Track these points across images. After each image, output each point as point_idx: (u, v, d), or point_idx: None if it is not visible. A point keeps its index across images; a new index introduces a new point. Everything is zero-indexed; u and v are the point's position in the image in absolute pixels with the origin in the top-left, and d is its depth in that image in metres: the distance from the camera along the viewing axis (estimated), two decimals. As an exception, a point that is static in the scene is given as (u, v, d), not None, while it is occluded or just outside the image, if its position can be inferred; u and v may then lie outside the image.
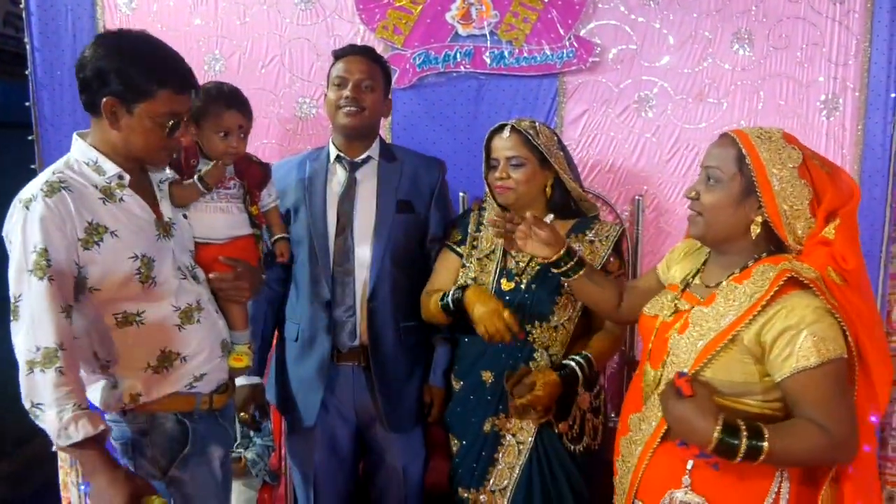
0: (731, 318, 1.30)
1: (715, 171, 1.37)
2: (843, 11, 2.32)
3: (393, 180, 1.92)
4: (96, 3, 2.36)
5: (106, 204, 1.44)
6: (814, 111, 2.36)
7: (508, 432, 1.82)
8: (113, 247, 1.43)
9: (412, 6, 2.31)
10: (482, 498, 1.85)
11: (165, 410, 1.55)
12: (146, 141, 1.47)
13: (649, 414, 1.44)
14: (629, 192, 2.40)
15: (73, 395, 1.36)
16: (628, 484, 1.48)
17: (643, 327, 1.54)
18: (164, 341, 1.52)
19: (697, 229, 1.41)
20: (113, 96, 1.41)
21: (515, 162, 1.80)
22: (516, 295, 1.80)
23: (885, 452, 2.52)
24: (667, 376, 1.39)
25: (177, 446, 1.57)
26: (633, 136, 2.38)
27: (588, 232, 1.85)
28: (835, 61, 2.34)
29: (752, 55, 2.34)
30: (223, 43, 2.37)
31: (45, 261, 1.35)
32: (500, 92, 2.37)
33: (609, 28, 2.34)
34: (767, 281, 1.29)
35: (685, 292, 1.46)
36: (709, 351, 1.31)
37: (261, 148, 2.39)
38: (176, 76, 1.46)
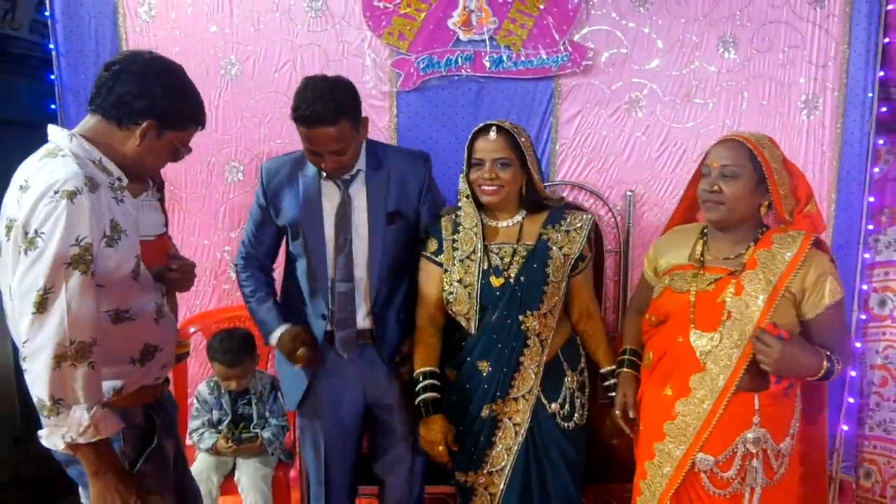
0: (778, 274, 1.62)
1: (732, 168, 1.65)
2: (823, 16, 2.46)
3: (381, 191, 1.95)
4: (118, 11, 2.48)
5: (118, 204, 1.46)
6: (795, 110, 2.50)
7: (505, 416, 1.92)
8: (125, 245, 1.46)
9: (416, 13, 2.45)
10: (480, 480, 1.93)
11: (134, 405, 1.57)
12: (157, 161, 1.56)
13: (715, 371, 1.65)
14: (621, 188, 2.54)
15: (100, 393, 1.39)
16: (691, 440, 1.66)
17: (671, 303, 1.74)
18: (147, 334, 1.56)
19: (719, 214, 1.68)
20: (155, 121, 1.47)
21: (503, 162, 1.83)
22: (507, 289, 1.86)
23: (863, 431, 2.68)
24: (729, 335, 1.63)
25: (144, 440, 1.59)
26: (624, 136, 2.52)
27: (563, 222, 1.93)
28: (815, 63, 2.48)
29: (737, 58, 2.48)
30: (238, 49, 2.51)
31: (90, 255, 1.36)
32: (498, 94, 2.51)
33: (601, 33, 2.48)
34: (796, 244, 1.64)
35: (705, 267, 1.71)
36: (772, 302, 1.61)
37: (275, 148, 2.54)
38: (203, 115, 1.59)
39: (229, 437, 2.39)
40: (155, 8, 2.49)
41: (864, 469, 2.70)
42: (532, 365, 1.88)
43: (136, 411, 1.58)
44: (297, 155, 2.00)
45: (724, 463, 1.66)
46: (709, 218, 1.71)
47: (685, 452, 1.67)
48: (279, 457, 2.48)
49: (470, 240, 1.91)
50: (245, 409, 2.48)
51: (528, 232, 1.91)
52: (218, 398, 2.47)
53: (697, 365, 1.67)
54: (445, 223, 1.95)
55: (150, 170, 1.60)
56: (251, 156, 2.58)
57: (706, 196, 1.68)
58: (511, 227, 1.93)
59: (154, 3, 2.48)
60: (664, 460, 1.71)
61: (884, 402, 2.63)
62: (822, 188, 2.52)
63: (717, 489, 1.67)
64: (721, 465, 1.66)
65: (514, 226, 1.92)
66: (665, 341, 1.75)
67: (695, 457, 1.66)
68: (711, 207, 1.68)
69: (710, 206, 1.68)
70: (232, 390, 2.44)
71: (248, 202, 2.55)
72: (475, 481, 1.95)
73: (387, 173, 1.95)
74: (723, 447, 1.65)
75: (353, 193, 1.94)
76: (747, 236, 1.71)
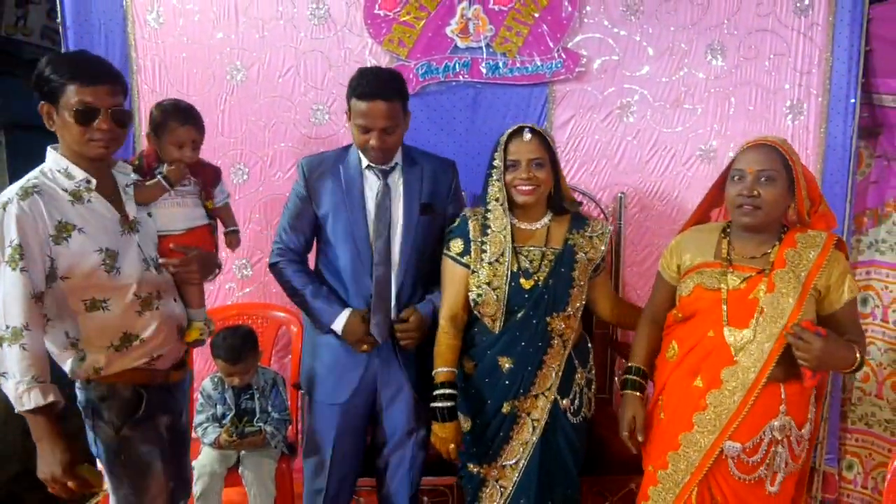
0: (807, 272, 1.71)
1: (770, 172, 1.71)
2: (807, 24, 2.55)
3: (416, 185, 2.07)
4: (127, 18, 2.56)
5: (74, 205, 1.64)
6: (780, 115, 2.60)
7: (524, 412, 1.94)
8: (80, 242, 1.63)
9: (415, 21, 2.54)
10: (493, 472, 1.98)
11: (125, 382, 1.75)
12: (71, 134, 1.63)
13: (746, 364, 1.72)
14: (613, 190, 2.63)
15: (32, 369, 1.55)
16: (721, 429, 1.73)
17: (702, 300, 1.79)
18: (126, 325, 1.71)
19: (756, 219, 1.73)
20: (42, 100, 1.63)
21: (538, 162, 1.90)
22: (536, 291, 1.91)
23: (846, 425, 2.77)
24: (762, 331, 1.70)
25: (130, 411, 1.76)
26: (616, 140, 2.61)
27: (586, 228, 2.01)
28: (799, 70, 2.57)
29: (724, 65, 2.57)
30: (244, 55, 2.58)
31: (19, 255, 1.55)
32: (495, 99, 2.59)
33: (594, 41, 2.57)
34: (820, 244, 1.73)
35: (733, 265, 1.77)
36: (803, 299, 1.69)
37: (279, 151, 2.62)
38: (81, 70, 1.61)
39: (232, 431, 2.46)
40: (163, 15, 2.56)
41: (846, 461, 2.78)
42: (553, 364, 1.94)
43: (124, 387, 1.75)
44: (336, 151, 2.13)
45: (751, 449, 1.73)
46: (745, 222, 1.74)
47: (714, 441, 1.73)
48: (282, 450, 2.54)
49: (499, 242, 1.94)
50: (248, 403, 2.55)
51: (554, 235, 1.98)
52: (222, 393, 2.53)
53: (729, 358, 1.73)
54: (473, 224, 1.98)
55: (82, 148, 1.65)
56: (255, 158, 2.66)
57: (743, 200, 1.71)
58: (539, 229, 1.99)
59: (162, 11, 2.56)
60: (691, 449, 1.76)
61: (865, 396, 2.72)
62: (806, 190, 2.61)
63: (742, 474, 1.74)
64: (748, 451, 1.73)
65: (542, 228, 1.99)
66: (693, 335, 1.80)
67: (723, 444, 1.73)
68: (749, 212, 1.71)
69: (748, 210, 1.71)
70: (235, 386, 2.52)
71: (253, 203, 2.64)
72: (488, 473, 2.01)
73: (420, 170, 2.09)
74: (751, 435, 1.72)
75: (391, 184, 2.05)
76: (772, 236, 1.78)
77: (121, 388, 1.76)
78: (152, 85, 2.60)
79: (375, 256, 2.03)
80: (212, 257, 1.96)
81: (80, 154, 1.67)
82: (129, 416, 1.76)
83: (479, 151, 2.61)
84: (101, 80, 1.62)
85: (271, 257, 2.15)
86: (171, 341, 1.83)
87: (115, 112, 1.65)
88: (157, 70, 2.59)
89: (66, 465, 1.59)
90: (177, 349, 1.87)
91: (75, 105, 1.60)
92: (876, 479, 2.71)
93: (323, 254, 2.15)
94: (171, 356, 1.85)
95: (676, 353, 1.83)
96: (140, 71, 2.59)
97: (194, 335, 1.89)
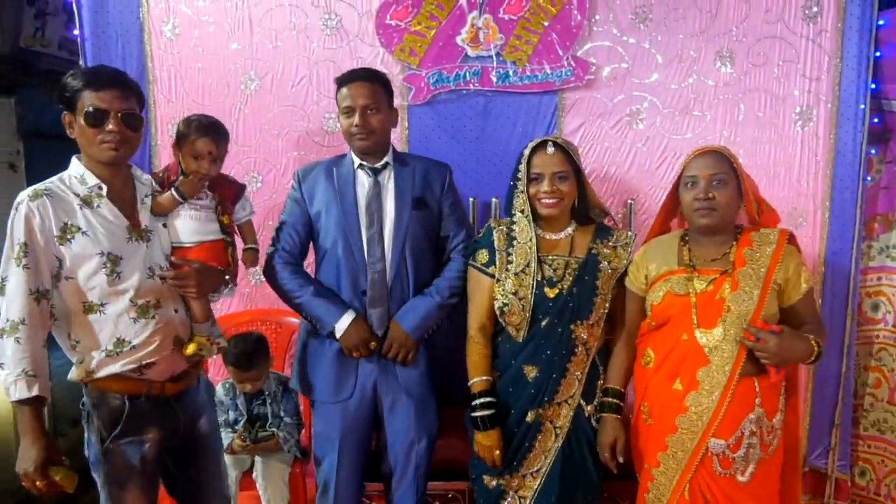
0: (766, 268, 1.80)
1: (721, 175, 1.82)
2: (816, 31, 2.56)
3: (407, 181, 2.14)
4: (144, 30, 2.61)
5: (82, 209, 1.73)
6: (789, 122, 2.60)
7: (548, 420, 1.96)
8: (83, 244, 1.71)
9: (426, 31, 2.57)
10: (513, 483, 2.00)
11: (115, 391, 1.78)
12: (85, 138, 1.73)
13: (719, 363, 1.79)
14: (622, 197, 2.65)
15: (23, 363, 1.63)
16: (703, 428, 1.79)
17: (674, 306, 1.85)
18: (119, 330, 1.76)
19: (713, 220, 1.82)
20: (65, 110, 1.74)
21: (561, 175, 1.93)
22: (560, 300, 1.94)
23: (857, 431, 2.76)
24: (730, 328, 1.78)
25: (116, 421, 1.78)
26: (626, 147, 2.63)
27: (610, 238, 2.03)
28: (809, 76, 2.58)
29: (733, 72, 2.58)
30: (257, 65, 2.62)
31: (23, 252, 1.65)
32: (505, 107, 2.62)
33: (603, 49, 2.59)
34: (774, 240, 1.83)
35: (696, 269, 1.86)
36: (765, 293, 1.78)
37: (292, 159, 2.66)
38: (92, 76, 1.74)
39: (245, 436, 2.49)
40: (178, 27, 2.61)
41: (859, 468, 2.78)
42: (577, 372, 1.97)
43: (114, 396, 1.78)
44: (331, 159, 2.21)
45: (734, 445, 1.79)
46: (703, 224, 1.83)
47: (698, 441, 1.80)
48: (295, 454, 2.57)
49: (525, 253, 1.98)
50: (260, 409, 2.58)
51: (578, 245, 2.01)
52: (233, 399, 2.57)
53: (703, 359, 1.80)
54: (498, 235, 2.02)
55: (93, 151, 1.75)
56: (269, 166, 2.69)
57: (700, 204, 1.81)
58: (563, 239, 2.02)
59: (178, 22, 2.61)
60: (678, 449, 1.82)
61: (878, 402, 2.71)
62: (816, 197, 2.62)
63: (724, 470, 1.80)
64: (731, 447, 1.79)
65: (566, 238, 2.02)
66: (668, 341, 1.87)
67: (708, 442, 1.79)
68: (706, 214, 1.81)
69: (705, 213, 1.81)
70: (247, 392, 2.55)
71: (266, 210, 2.67)
72: (508, 484, 2.01)
73: (412, 169, 2.16)
74: (732, 430, 1.78)
75: (382, 181, 2.13)
76: (728, 237, 1.88)
77: (110, 397, 1.79)
78: (168, 95, 2.64)
79: (367, 251, 2.08)
80: (216, 273, 1.93)
81: (95, 158, 1.76)
82: (114, 426, 1.78)
83: (490, 159, 2.64)
84: (111, 86, 1.72)
85: (265, 262, 2.17)
86: (165, 351, 1.83)
87: (125, 115, 1.74)
88: (173, 80, 2.64)
89: (40, 464, 1.64)
90: (173, 361, 1.87)
91: (87, 108, 1.70)
92: (889, 485, 2.70)
93: (318, 259, 2.19)
94: (165, 367, 1.85)
95: (653, 360, 1.90)
96: (156, 81, 2.63)
97: (191, 349, 1.88)
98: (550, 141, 1.95)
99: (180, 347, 1.88)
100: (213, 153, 1.93)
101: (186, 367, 1.92)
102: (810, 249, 2.64)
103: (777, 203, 2.57)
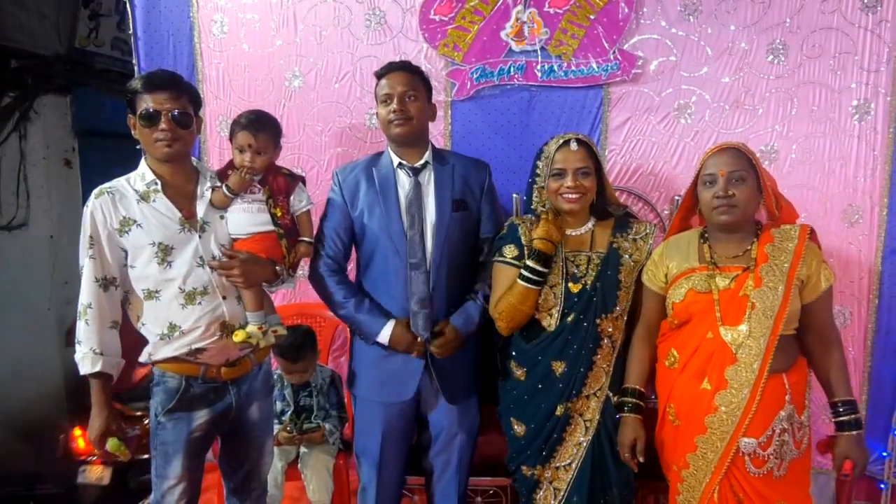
0: (789, 263, 1.78)
1: (740, 172, 1.80)
2: (875, 21, 2.46)
3: (447, 182, 2.13)
4: (194, 28, 2.67)
5: (139, 203, 1.87)
6: (846, 116, 2.51)
7: (577, 413, 2.01)
8: (137, 235, 1.86)
9: (470, 26, 2.56)
10: (547, 474, 2.03)
11: (174, 371, 1.94)
12: (142, 137, 1.88)
13: (747, 360, 1.76)
14: (669, 193, 2.60)
15: (91, 342, 1.83)
16: (734, 427, 1.77)
17: (696, 304, 1.84)
18: (171, 315, 1.90)
19: (733, 216, 1.80)
20: (131, 114, 1.87)
21: (584, 171, 1.96)
22: (584, 294, 1.97)
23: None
24: (757, 325, 1.76)
25: (171, 400, 1.94)
26: (673, 142, 2.58)
27: (630, 231, 2.05)
28: (866, 68, 2.48)
29: (787, 64, 2.50)
30: (302, 61, 2.66)
31: (90, 244, 1.84)
32: (549, 102, 2.59)
33: (651, 42, 2.54)
34: (796, 236, 1.81)
35: (719, 267, 1.84)
36: (789, 289, 1.77)
37: (336, 155, 2.69)
38: (147, 79, 1.86)
39: (291, 427, 2.53)
40: (227, 25, 2.66)
41: None
42: (604, 364, 1.98)
43: (172, 376, 1.94)
44: (368, 158, 2.20)
45: (765, 443, 1.77)
46: (722, 220, 1.81)
47: (729, 440, 1.77)
48: (339, 446, 2.61)
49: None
50: (306, 400, 2.63)
51: (598, 240, 2.03)
52: (281, 391, 2.62)
53: (731, 357, 1.78)
54: (524, 231, 2.05)
55: (151, 150, 1.89)
56: (312, 162, 2.73)
57: (719, 202, 1.80)
58: (583, 234, 2.04)
59: (226, 21, 2.66)
60: (708, 450, 1.80)
61: (937, 407, 2.61)
62: (873, 193, 2.52)
63: (757, 469, 1.78)
64: (762, 445, 1.77)
65: (587, 233, 2.04)
66: (692, 339, 1.85)
67: (739, 441, 1.77)
68: (726, 211, 1.80)
69: (725, 210, 1.80)
70: (294, 384, 2.59)
71: (311, 206, 2.71)
72: (542, 475, 2.04)
73: (451, 168, 2.15)
74: (763, 428, 1.77)
75: (422, 181, 2.12)
76: (749, 234, 1.86)
77: (168, 377, 1.95)
78: (216, 92, 2.70)
79: (410, 252, 2.08)
80: (263, 264, 1.98)
81: (153, 156, 1.90)
82: (168, 403, 1.94)
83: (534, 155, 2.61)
84: (161, 88, 1.84)
85: (311, 268, 2.18)
86: (212, 337, 1.92)
87: (175, 115, 1.85)
88: (221, 78, 2.70)
89: (99, 434, 1.86)
90: (226, 347, 1.96)
91: (140, 110, 1.83)
92: (948, 493, 2.60)
93: (362, 262, 2.19)
94: (218, 353, 1.95)
95: (678, 360, 1.88)
96: (206, 79, 2.69)
97: (240, 336, 1.95)
98: (574, 138, 1.98)
99: (229, 334, 1.95)
100: (253, 146, 1.97)
101: (242, 354, 2.00)
102: (866, 247, 2.55)
103: (832, 200, 2.54)
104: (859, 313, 2.59)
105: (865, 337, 2.59)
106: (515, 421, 2.08)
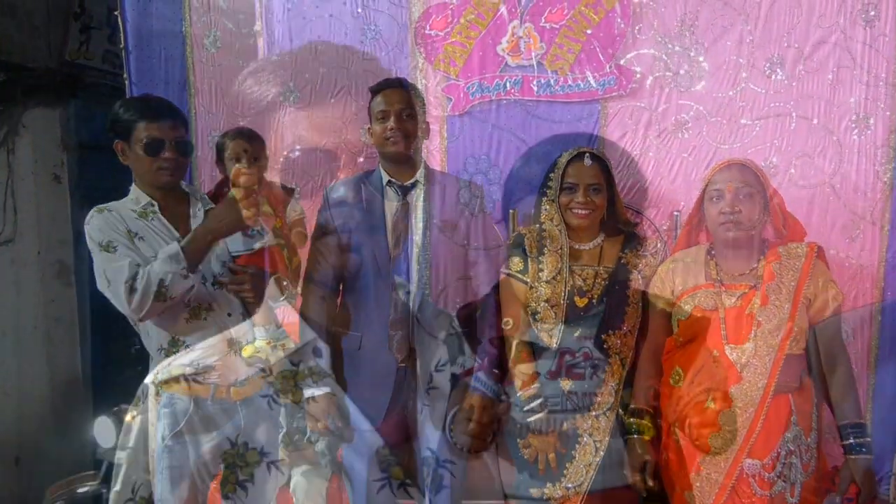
0: (796, 281, 1.77)
1: (748, 189, 1.80)
2: (873, 35, 2.44)
3: (436, 203, 2.11)
4: (186, 43, 2.65)
5: (139, 219, 1.88)
6: (845, 130, 2.49)
7: (585, 432, 1.96)
8: (142, 247, 1.85)
9: (466, 41, 2.54)
10: (557, 494, 1.98)
11: (182, 394, 1.91)
12: (141, 165, 1.87)
13: (752, 379, 1.74)
14: (667, 209, 2.57)
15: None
16: (738, 447, 1.74)
17: (702, 321, 1.82)
18: (175, 329, 1.88)
19: (739, 232, 1.80)
20: (116, 139, 1.87)
21: (596, 187, 1.96)
22: (590, 309, 1.96)
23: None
24: (762, 344, 1.75)
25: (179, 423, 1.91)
26: (671, 157, 2.55)
27: (640, 248, 2.03)
28: (866, 83, 2.46)
29: (784, 79, 2.49)
30: (297, 76, 2.64)
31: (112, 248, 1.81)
32: (546, 117, 2.56)
33: (648, 56, 2.52)
34: (803, 254, 1.80)
35: (725, 284, 1.82)
36: (796, 307, 1.76)
37: (331, 170, 2.66)
38: (145, 107, 1.87)
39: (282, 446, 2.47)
40: (220, 40, 2.64)
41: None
42: (612, 382, 1.94)
43: (180, 398, 1.90)
44: (359, 175, 2.19)
45: (769, 465, 1.74)
46: (728, 237, 1.80)
47: (733, 459, 1.74)
48: (332, 469, 2.55)
49: (555, 262, 2.00)
50: (300, 421, 2.57)
51: (607, 255, 2.01)
52: (274, 410, 2.56)
53: (735, 376, 1.76)
54: (529, 243, 2.04)
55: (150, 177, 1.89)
56: (307, 178, 2.69)
57: (726, 217, 1.79)
58: (592, 249, 2.02)
59: (219, 35, 2.64)
60: (712, 470, 1.77)
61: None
62: (874, 207, 2.50)
63: (763, 491, 1.75)
64: (766, 467, 1.74)
65: (595, 248, 2.02)
66: (697, 357, 1.83)
67: (742, 462, 1.73)
68: (732, 227, 1.80)
69: (731, 226, 1.79)
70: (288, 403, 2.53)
71: (304, 222, 2.67)
72: (552, 495, 1.98)
73: (442, 188, 2.13)
74: (768, 450, 1.74)
75: (410, 200, 2.10)
76: (755, 252, 1.86)
77: (177, 400, 1.91)
78: (209, 107, 2.68)
79: (394, 272, 2.06)
80: (263, 278, 1.98)
81: (151, 183, 1.88)
82: (174, 426, 1.90)
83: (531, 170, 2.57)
84: (165, 116, 1.85)
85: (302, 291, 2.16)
86: (217, 353, 1.90)
87: (179, 143, 1.88)
88: (214, 92, 2.67)
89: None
90: (233, 365, 1.93)
91: (144, 139, 1.81)
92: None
93: (347, 278, 2.15)
94: (227, 373, 1.91)
95: (683, 378, 1.85)
96: (198, 93, 2.67)
97: (249, 351, 1.94)
98: (588, 153, 1.96)
99: (237, 351, 1.94)
100: (249, 151, 2.02)
101: (251, 373, 1.98)
102: (867, 262, 2.52)
103: (831, 215, 2.51)
104: (861, 329, 2.55)
105: (868, 353, 2.56)
106: (521, 441, 2.03)
